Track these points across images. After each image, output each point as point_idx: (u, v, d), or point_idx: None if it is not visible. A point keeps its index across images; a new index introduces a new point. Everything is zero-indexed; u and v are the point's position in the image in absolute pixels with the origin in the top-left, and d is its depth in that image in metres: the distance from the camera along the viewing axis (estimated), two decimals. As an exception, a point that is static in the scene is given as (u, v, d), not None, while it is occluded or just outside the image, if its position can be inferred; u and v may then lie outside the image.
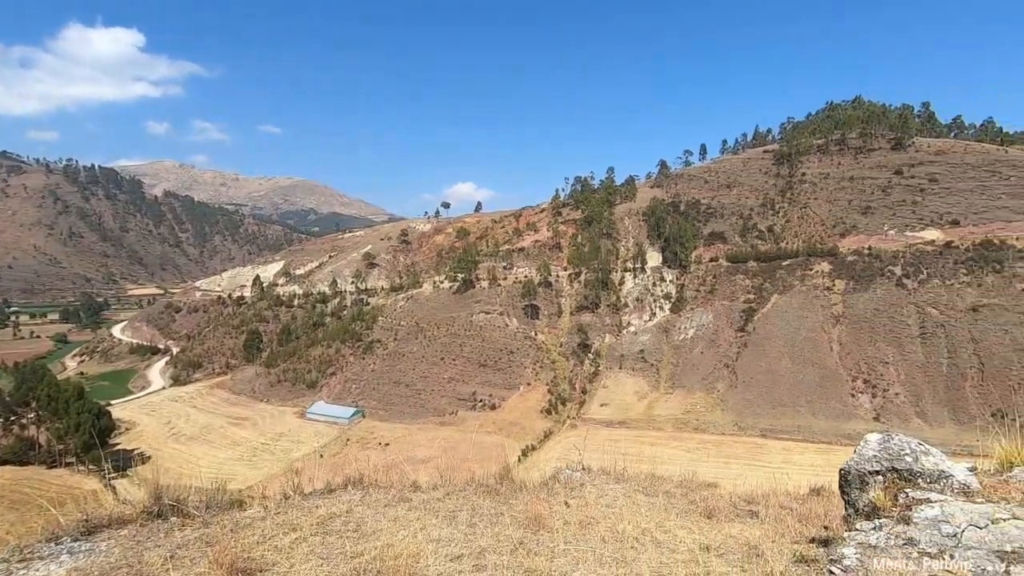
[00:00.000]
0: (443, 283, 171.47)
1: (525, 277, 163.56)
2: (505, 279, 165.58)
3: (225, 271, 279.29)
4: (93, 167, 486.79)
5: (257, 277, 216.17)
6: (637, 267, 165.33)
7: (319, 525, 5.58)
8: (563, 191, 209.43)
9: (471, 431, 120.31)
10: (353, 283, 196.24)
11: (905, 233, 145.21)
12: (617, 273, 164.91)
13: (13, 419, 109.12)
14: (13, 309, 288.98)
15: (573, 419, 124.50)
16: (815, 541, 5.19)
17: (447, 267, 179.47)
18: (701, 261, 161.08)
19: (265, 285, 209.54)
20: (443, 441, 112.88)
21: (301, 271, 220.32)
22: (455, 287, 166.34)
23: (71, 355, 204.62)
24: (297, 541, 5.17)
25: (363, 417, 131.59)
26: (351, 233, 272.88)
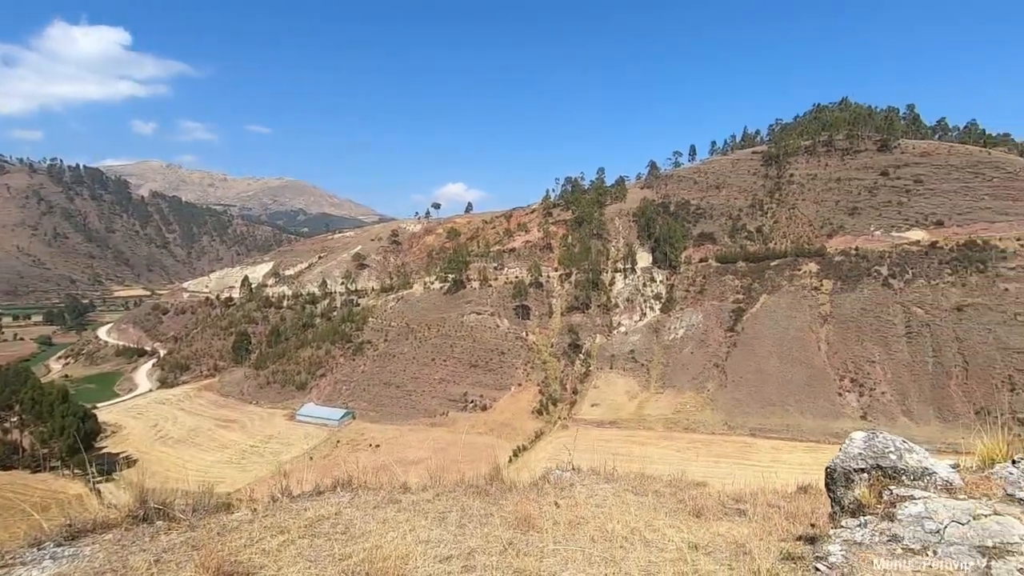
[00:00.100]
0: (434, 284, 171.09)
1: (516, 278, 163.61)
2: (496, 280, 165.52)
3: (213, 272, 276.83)
4: (78, 167, 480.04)
5: (246, 278, 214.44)
6: (627, 268, 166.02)
7: (307, 527, 5.55)
8: (553, 192, 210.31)
9: (462, 432, 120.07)
10: (343, 284, 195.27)
11: (891, 233, 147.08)
12: (607, 274, 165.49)
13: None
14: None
15: (564, 419, 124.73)
16: (802, 539, 5.24)
17: (438, 268, 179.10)
18: (691, 262, 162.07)
19: (254, 286, 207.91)
20: (434, 442, 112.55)
21: (290, 272, 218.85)
22: (446, 288, 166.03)
23: (56, 357, 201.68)
24: (285, 544, 5.13)
25: (353, 419, 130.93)
26: (341, 234, 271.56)
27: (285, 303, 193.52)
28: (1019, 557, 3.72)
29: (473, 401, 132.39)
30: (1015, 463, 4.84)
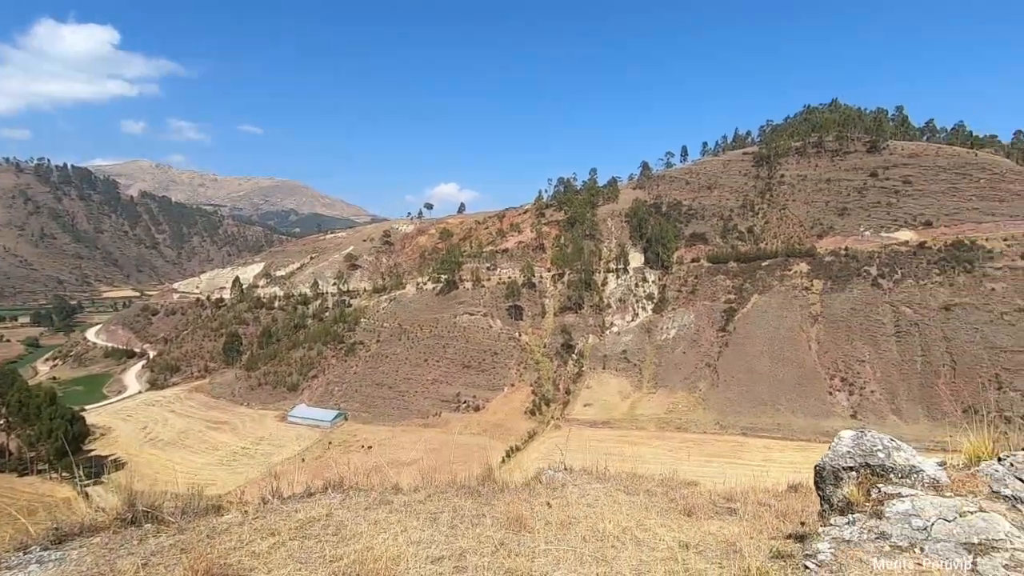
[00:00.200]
0: (426, 284, 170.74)
1: (509, 278, 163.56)
2: (489, 280, 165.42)
3: (204, 273, 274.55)
4: (66, 167, 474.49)
5: (237, 279, 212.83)
6: (620, 268, 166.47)
7: (298, 529, 5.51)
8: (546, 192, 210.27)
9: (455, 433, 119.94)
10: (335, 285, 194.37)
11: (880, 234, 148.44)
12: (600, 274, 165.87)
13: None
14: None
15: (557, 420, 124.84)
16: (792, 537, 5.27)
17: (430, 268, 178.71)
18: (683, 262, 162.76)
19: (245, 287, 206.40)
20: (426, 443, 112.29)
21: (282, 273, 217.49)
22: (438, 288, 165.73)
23: (43, 359, 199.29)
24: (275, 546, 5.09)
25: (345, 420, 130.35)
26: (333, 234, 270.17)
27: (276, 304, 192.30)
28: (1004, 553, 3.77)
29: (466, 402, 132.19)
30: (1000, 460, 4.90)
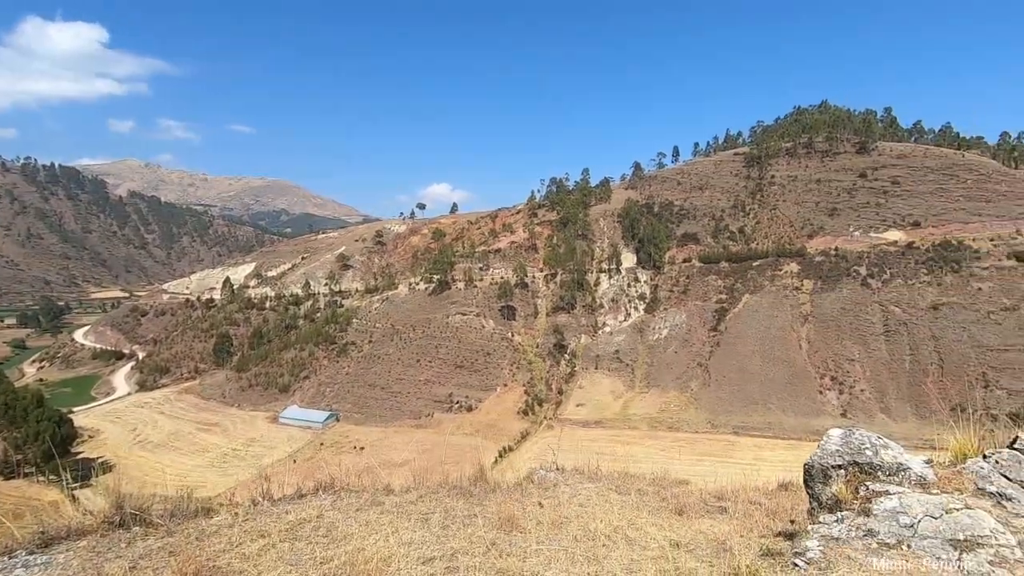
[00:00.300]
0: (419, 284, 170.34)
1: (501, 278, 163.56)
2: (481, 280, 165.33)
3: (194, 273, 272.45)
4: (53, 166, 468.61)
5: (227, 279, 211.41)
6: (612, 268, 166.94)
7: (288, 531, 5.48)
8: (539, 192, 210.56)
9: (447, 433, 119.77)
10: (327, 285, 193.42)
11: (869, 234, 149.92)
12: (592, 274, 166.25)
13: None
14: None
15: (550, 420, 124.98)
16: (781, 535, 5.31)
17: (423, 268, 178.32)
18: (675, 262, 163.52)
19: (236, 287, 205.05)
20: (419, 444, 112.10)
21: (273, 273, 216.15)
22: (431, 288, 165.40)
23: (30, 361, 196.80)
24: (265, 548, 5.06)
25: (337, 421, 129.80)
26: (324, 234, 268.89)
27: (268, 304, 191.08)
28: (989, 549, 3.82)
29: (458, 402, 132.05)
30: (986, 458, 4.97)
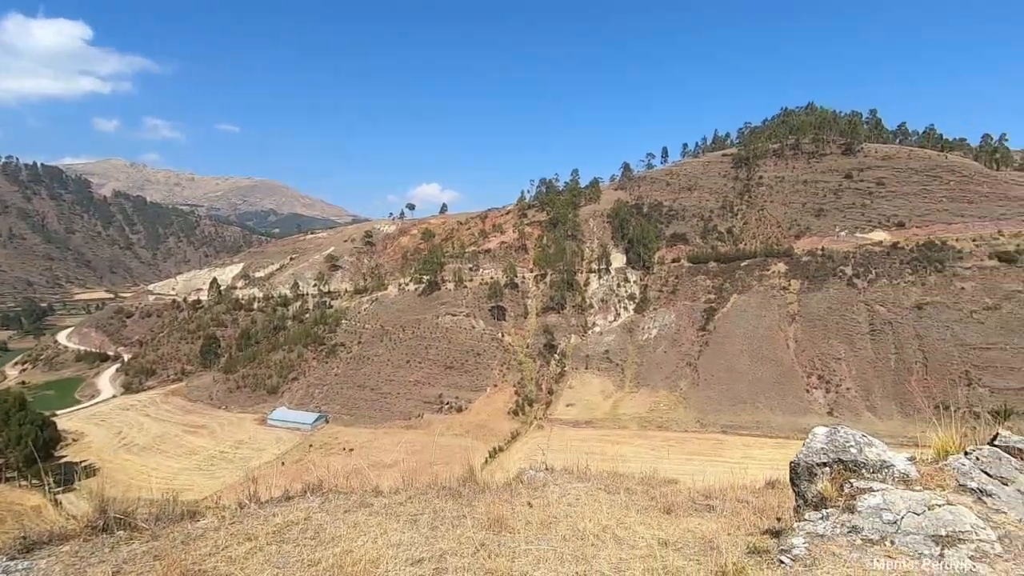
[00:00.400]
0: (408, 285, 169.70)
1: (491, 279, 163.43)
2: (471, 281, 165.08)
3: (180, 274, 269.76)
4: (35, 165, 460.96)
5: (214, 280, 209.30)
6: (602, 268, 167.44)
7: (276, 534, 5.44)
8: (528, 193, 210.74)
9: (437, 434, 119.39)
10: (315, 286, 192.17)
11: (855, 234, 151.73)
12: (582, 274, 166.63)
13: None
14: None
15: (540, 420, 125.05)
16: (768, 532, 5.36)
17: (412, 269, 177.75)
18: (664, 262, 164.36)
19: (223, 288, 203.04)
20: (409, 445, 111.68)
21: (261, 274, 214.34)
22: (420, 289, 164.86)
23: (12, 364, 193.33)
24: (252, 551, 5.01)
25: (326, 422, 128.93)
26: (313, 235, 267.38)
27: (256, 305, 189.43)
28: (970, 544, 3.89)
29: (448, 403, 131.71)
30: (967, 455, 5.04)
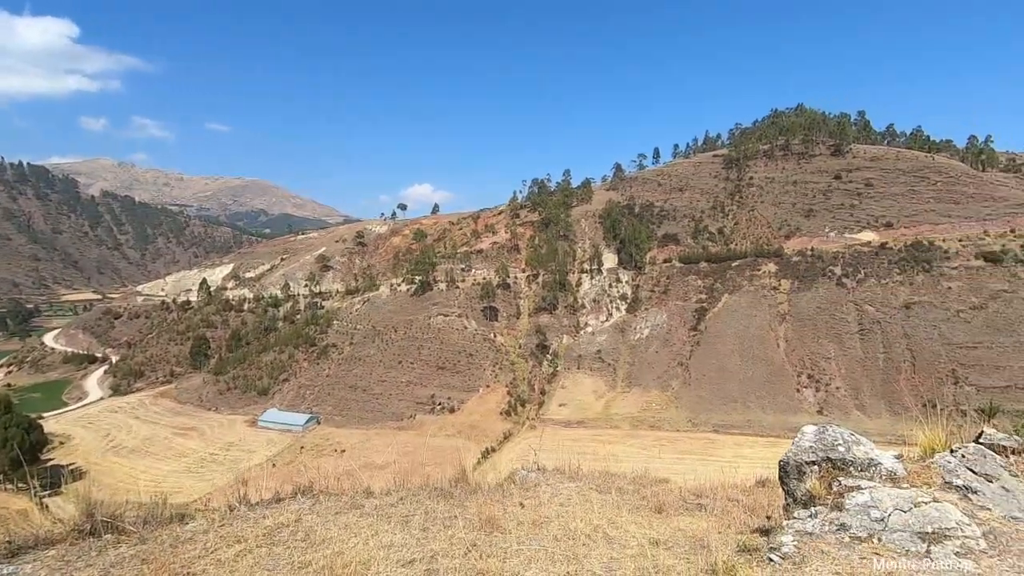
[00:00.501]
0: (400, 285, 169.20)
1: (483, 279, 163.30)
2: (463, 281, 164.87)
3: (169, 275, 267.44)
4: (21, 164, 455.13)
5: (204, 281, 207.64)
6: (594, 268, 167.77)
7: (266, 536, 5.40)
8: (520, 193, 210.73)
9: (430, 435, 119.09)
10: (307, 286, 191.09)
11: (844, 235, 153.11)
12: (574, 274, 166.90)
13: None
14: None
15: (532, 420, 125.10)
16: (758, 531, 5.40)
17: (404, 269, 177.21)
18: (655, 262, 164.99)
19: (213, 289, 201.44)
20: (401, 446, 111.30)
21: (251, 274, 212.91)
22: (413, 289, 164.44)
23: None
24: (242, 553, 4.98)
25: (318, 424, 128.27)
26: (304, 235, 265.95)
27: (246, 306, 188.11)
28: (956, 541, 3.93)
29: (441, 403, 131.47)
30: (953, 452, 5.11)
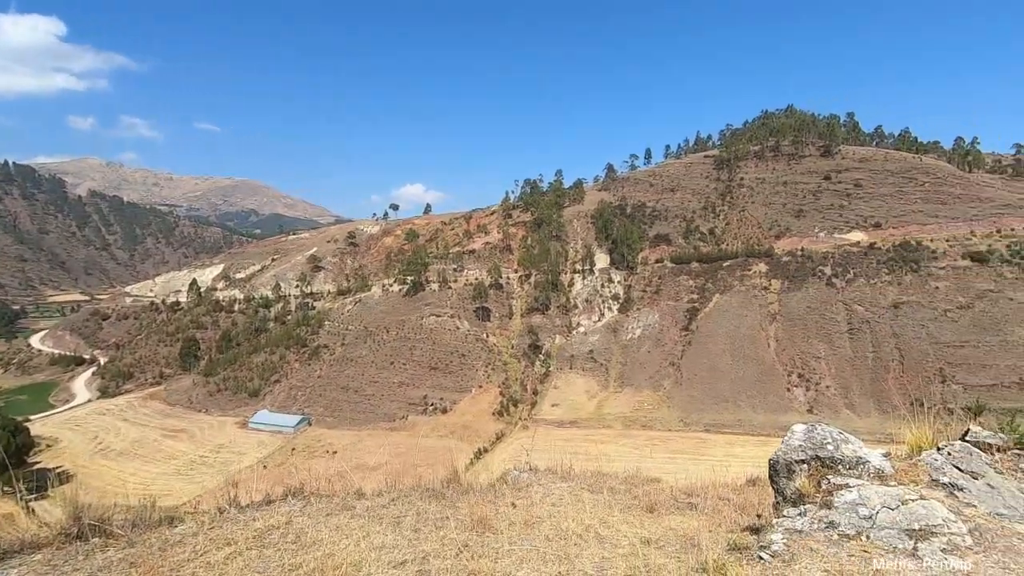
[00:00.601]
0: (392, 286, 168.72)
1: (476, 279, 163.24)
2: (456, 281, 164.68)
3: (158, 275, 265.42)
4: (7, 163, 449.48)
5: (194, 281, 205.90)
6: (586, 269, 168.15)
7: (256, 538, 5.37)
8: (513, 193, 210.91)
9: (422, 435, 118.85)
10: (298, 287, 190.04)
11: (833, 235, 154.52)
12: (566, 275, 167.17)
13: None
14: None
15: (525, 420, 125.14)
16: (748, 529, 5.43)
17: (396, 270, 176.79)
18: (647, 262, 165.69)
19: (203, 290, 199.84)
20: (393, 447, 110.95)
21: (242, 275, 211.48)
22: (405, 290, 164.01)
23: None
24: (231, 556, 4.94)
25: (309, 425, 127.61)
26: (295, 235, 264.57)
27: (236, 307, 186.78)
28: (942, 538, 3.98)
29: (433, 404, 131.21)
30: (940, 450, 5.17)
